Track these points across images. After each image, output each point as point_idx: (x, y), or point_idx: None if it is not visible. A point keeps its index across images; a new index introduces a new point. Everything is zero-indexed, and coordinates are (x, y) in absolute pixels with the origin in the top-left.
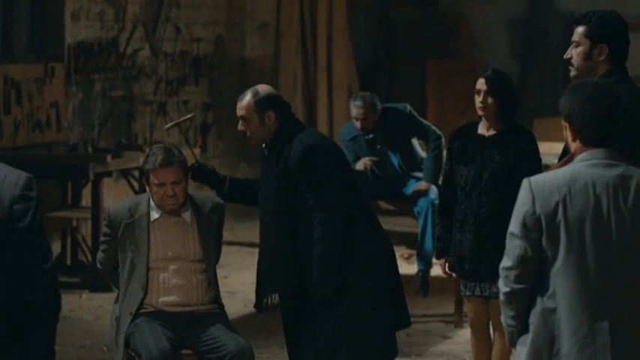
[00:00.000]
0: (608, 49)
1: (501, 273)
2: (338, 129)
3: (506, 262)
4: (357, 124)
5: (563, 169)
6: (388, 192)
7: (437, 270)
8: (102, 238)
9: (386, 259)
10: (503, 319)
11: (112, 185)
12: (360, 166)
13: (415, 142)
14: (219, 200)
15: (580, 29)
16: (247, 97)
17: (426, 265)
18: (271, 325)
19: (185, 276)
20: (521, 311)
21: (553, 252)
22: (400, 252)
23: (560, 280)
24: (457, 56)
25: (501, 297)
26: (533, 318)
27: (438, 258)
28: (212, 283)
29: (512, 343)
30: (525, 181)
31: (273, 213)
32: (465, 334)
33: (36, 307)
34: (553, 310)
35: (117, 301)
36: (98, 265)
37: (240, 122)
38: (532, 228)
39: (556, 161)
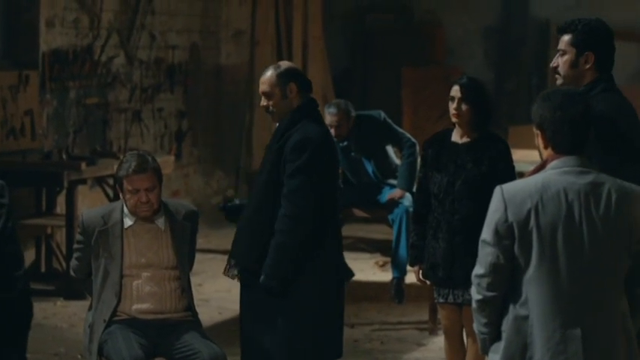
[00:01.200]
0: (595, 57)
1: (474, 280)
2: None
3: (478, 269)
4: (332, 132)
5: (535, 176)
6: (363, 199)
7: (411, 277)
8: (75, 246)
9: (334, 282)
10: (475, 326)
11: (86, 193)
12: None
13: (389, 149)
14: (193, 207)
15: (566, 37)
16: (269, 72)
17: (400, 272)
18: None
19: (159, 283)
20: (494, 319)
21: (525, 259)
22: (375, 259)
23: (532, 287)
24: (433, 63)
25: (474, 304)
26: (506, 325)
27: (411, 265)
28: (186, 290)
29: (485, 351)
30: (497, 189)
31: (260, 185)
32: (440, 341)
33: (8, 314)
34: (525, 318)
35: (90, 308)
36: (72, 273)
37: (262, 98)
38: (504, 235)
39: (531, 169)
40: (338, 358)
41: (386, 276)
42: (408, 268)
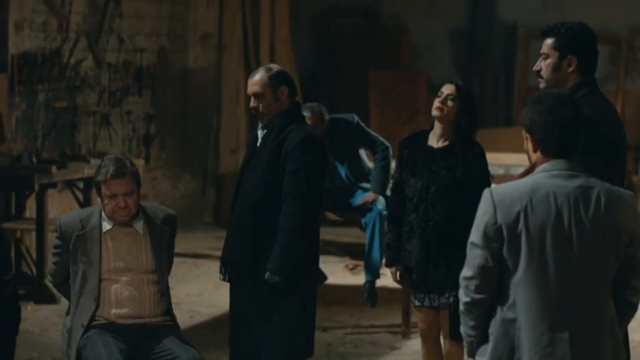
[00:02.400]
0: (577, 60)
1: (462, 283)
2: None
3: (466, 271)
4: None
5: (524, 179)
6: (336, 203)
7: (384, 281)
8: (53, 251)
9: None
10: (462, 329)
11: (55, 196)
12: None
13: (362, 152)
14: (172, 211)
15: (548, 41)
16: (260, 73)
17: (373, 275)
18: (219, 336)
19: (138, 287)
20: (482, 321)
21: (514, 262)
22: (344, 263)
23: (520, 290)
24: (399, 67)
25: (461, 307)
26: (493, 328)
27: (388, 266)
28: (164, 294)
29: (472, 354)
30: (487, 192)
31: (255, 183)
32: (413, 344)
33: None
34: (513, 321)
35: (68, 313)
36: (49, 278)
37: (252, 99)
38: (493, 238)
39: (500, 171)
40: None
41: (356, 279)
42: (383, 270)
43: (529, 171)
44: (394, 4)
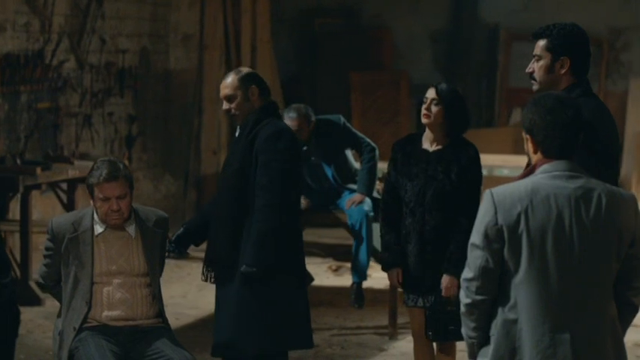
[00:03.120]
0: (570, 61)
1: (462, 284)
2: None
3: (467, 273)
4: None
5: (525, 180)
6: (322, 204)
7: (369, 282)
8: (44, 252)
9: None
10: (463, 330)
11: (38, 197)
12: None
13: (349, 153)
14: (163, 214)
15: (541, 43)
16: (231, 76)
17: (360, 277)
18: (205, 338)
19: (130, 290)
20: (483, 323)
21: (515, 263)
22: (327, 264)
23: (521, 291)
24: (381, 68)
25: (462, 308)
26: (495, 329)
27: (386, 269)
28: (157, 297)
29: (473, 355)
30: (487, 193)
31: (231, 177)
32: (401, 346)
33: None
34: (514, 322)
35: (59, 315)
36: (40, 280)
37: (224, 102)
38: (494, 239)
39: (483, 172)
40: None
41: (340, 280)
42: (369, 272)
43: (529, 172)
44: (376, 5)
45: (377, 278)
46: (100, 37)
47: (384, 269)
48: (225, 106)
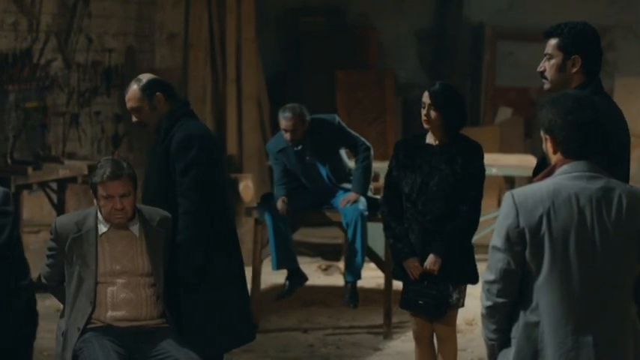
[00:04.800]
0: (582, 60)
1: (483, 287)
2: (247, 140)
3: (488, 275)
4: (287, 136)
5: (545, 182)
6: (316, 203)
7: (360, 281)
8: (47, 252)
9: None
10: (484, 332)
11: (26, 197)
12: (279, 205)
13: (343, 153)
14: (167, 214)
15: (552, 42)
16: (132, 88)
17: (354, 276)
18: None
19: (134, 290)
20: (503, 325)
21: (536, 265)
22: (317, 263)
23: (543, 293)
24: (366, 66)
25: (483, 311)
26: (516, 332)
27: (403, 260)
28: (161, 297)
29: (493, 357)
30: (508, 195)
31: (153, 190)
32: (396, 345)
33: (14, 323)
34: (536, 324)
35: (62, 316)
36: (43, 280)
37: (132, 115)
38: (516, 241)
39: None
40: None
41: (331, 280)
42: (364, 271)
43: (549, 173)
44: (361, 3)
45: (368, 278)
46: (86, 36)
47: (400, 260)
48: (134, 118)
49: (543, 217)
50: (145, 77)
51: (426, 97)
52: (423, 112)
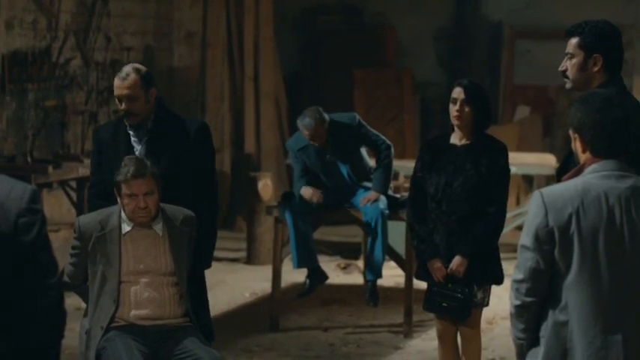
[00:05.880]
0: (603, 59)
1: (512, 286)
2: (265, 138)
3: (517, 274)
4: (312, 143)
5: (574, 180)
6: (337, 201)
7: (379, 280)
8: (71, 251)
9: None
10: (512, 332)
11: (45, 196)
12: (306, 194)
13: (364, 151)
14: (191, 213)
15: (573, 40)
16: (132, 76)
17: (375, 275)
18: (217, 337)
19: (157, 289)
20: (532, 324)
21: (566, 264)
22: (335, 262)
23: (572, 292)
24: (384, 65)
25: (512, 310)
26: (545, 331)
27: (426, 260)
28: (184, 296)
29: (522, 357)
30: (537, 194)
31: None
32: (417, 344)
33: (42, 322)
34: (565, 323)
35: (86, 314)
36: (66, 279)
37: (124, 102)
38: (545, 240)
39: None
40: None
41: (351, 278)
42: (384, 269)
43: (577, 172)
44: (379, 2)
45: (388, 276)
46: (105, 35)
47: (423, 261)
48: (124, 106)
49: (572, 216)
50: (142, 68)
51: (458, 93)
52: (455, 107)
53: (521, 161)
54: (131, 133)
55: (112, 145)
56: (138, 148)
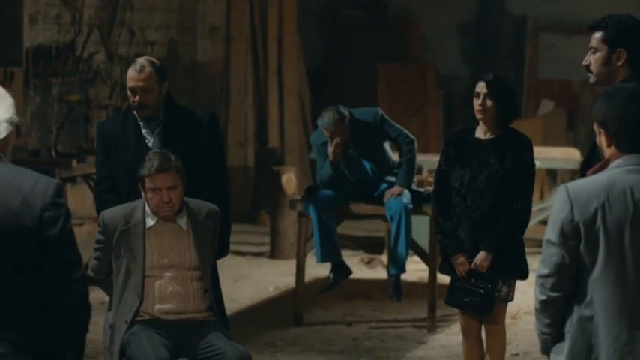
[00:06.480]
0: (627, 53)
1: (537, 281)
2: (289, 133)
3: (542, 269)
4: (336, 141)
5: (599, 175)
6: (360, 196)
7: (403, 274)
8: (95, 246)
9: None
10: (537, 326)
11: (69, 190)
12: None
13: (387, 146)
14: (215, 207)
15: (597, 35)
16: (147, 68)
17: (398, 269)
18: (242, 331)
19: (181, 283)
20: (557, 319)
21: (591, 259)
22: (359, 256)
23: (598, 287)
24: (408, 59)
25: (537, 305)
26: (570, 326)
27: (450, 256)
28: (208, 290)
29: (546, 351)
30: (562, 189)
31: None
32: (441, 338)
33: (67, 316)
34: (590, 318)
35: (110, 308)
36: (90, 273)
37: (138, 94)
38: (570, 235)
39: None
40: None
41: (375, 273)
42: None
43: (602, 166)
44: None
45: (411, 271)
46: (129, 29)
47: (447, 256)
48: (138, 98)
49: (598, 210)
50: (156, 61)
51: (481, 87)
52: (478, 101)
53: (545, 156)
54: (142, 124)
55: (121, 139)
56: (150, 140)
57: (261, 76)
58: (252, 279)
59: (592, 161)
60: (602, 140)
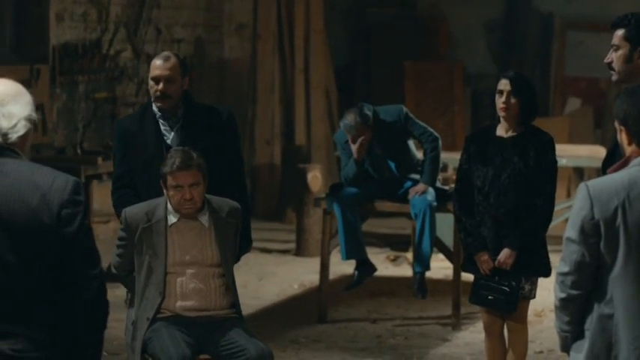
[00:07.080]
0: None
1: (557, 278)
2: (316, 130)
3: (562, 267)
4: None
5: (620, 173)
6: (384, 194)
7: (428, 272)
8: (118, 243)
9: None
10: (557, 324)
11: (96, 187)
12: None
13: (411, 143)
14: (236, 204)
15: (619, 32)
16: (173, 59)
17: (423, 267)
18: (266, 329)
19: (203, 280)
20: (577, 317)
21: (611, 257)
22: (385, 254)
23: (618, 285)
24: (435, 57)
25: (557, 302)
26: (590, 324)
27: (473, 253)
28: (230, 287)
29: (566, 349)
30: (583, 186)
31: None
32: (465, 336)
33: (85, 312)
34: (610, 316)
35: (132, 305)
36: (113, 270)
37: (161, 84)
38: (590, 233)
39: None
40: None
41: (400, 270)
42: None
43: (623, 164)
44: None
45: (436, 268)
46: (155, 27)
47: (470, 254)
48: (161, 87)
49: (618, 208)
50: (178, 55)
51: (504, 85)
52: (501, 99)
53: (572, 153)
54: (160, 121)
55: (140, 135)
56: (169, 137)
57: (288, 74)
58: (277, 276)
59: (614, 159)
60: (623, 138)
